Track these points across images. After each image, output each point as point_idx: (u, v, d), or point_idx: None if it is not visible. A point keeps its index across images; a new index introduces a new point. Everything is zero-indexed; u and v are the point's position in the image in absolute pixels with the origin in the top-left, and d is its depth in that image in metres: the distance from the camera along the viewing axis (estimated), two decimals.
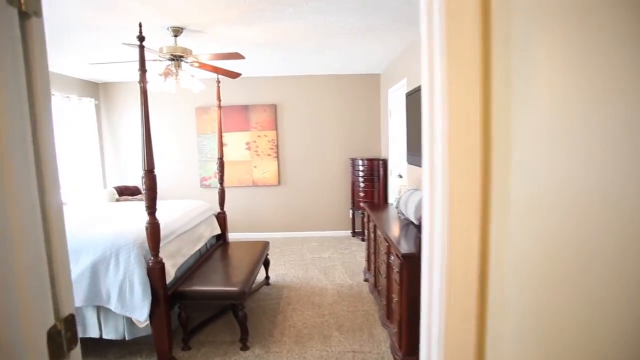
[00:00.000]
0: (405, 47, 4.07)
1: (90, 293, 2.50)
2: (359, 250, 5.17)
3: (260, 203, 5.96)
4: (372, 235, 3.61)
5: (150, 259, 2.53)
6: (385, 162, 5.37)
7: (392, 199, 5.14)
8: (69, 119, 4.99)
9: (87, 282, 2.49)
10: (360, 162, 5.53)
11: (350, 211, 5.87)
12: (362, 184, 5.52)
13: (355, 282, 4.05)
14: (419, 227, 2.81)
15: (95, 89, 5.67)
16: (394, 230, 2.89)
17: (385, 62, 4.90)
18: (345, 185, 5.90)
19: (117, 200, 5.06)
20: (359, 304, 3.52)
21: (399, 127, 4.62)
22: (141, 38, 2.35)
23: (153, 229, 2.48)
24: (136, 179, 5.86)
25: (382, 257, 3.00)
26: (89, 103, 5.35)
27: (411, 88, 3.66)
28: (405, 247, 2.39)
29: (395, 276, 2.46)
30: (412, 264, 2.28)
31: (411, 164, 3.61)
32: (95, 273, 2.51)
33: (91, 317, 2.60)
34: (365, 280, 4.02)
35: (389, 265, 2.76)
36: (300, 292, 3.83)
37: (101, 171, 5.67)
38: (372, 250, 3.63)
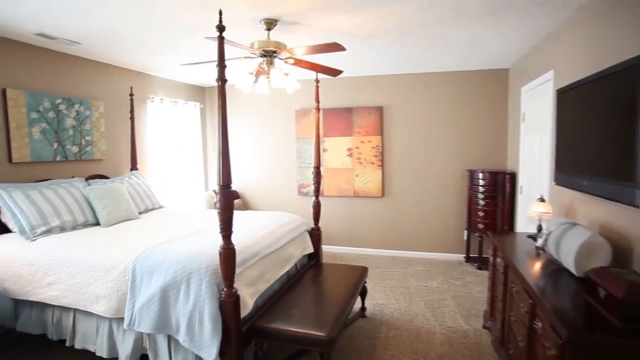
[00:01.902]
0: (554, 29, 3.09)
1: (159, 320, 2.21)
2: (475, 282, 4.25)
3: (361, 216, 5.39)
4: (499, 274, 2.75)
5: (224, 289, 2.14)
6: (513, 177, 4.35)
7: (521, 224, 4.11)
8: (175, 122, 5.09)
9: (156, 307, 2.21)
10: (480, 175, 4.59)
11: (465, 232, 4.94)
12: (481, 202, 4.57)
13: (472, 328, 3.21)
14: (584, 283, 1.93)
15: (202, 93, 5.76)
16: (540, 282, 2.04)
17: (518, 53, 3.91)
18: (459, 201, 4.99)
19: (216, 203, 5.00)
20: None
21: (536, 134, 3.61)
22: (221, 28, 1.97)
23: (227, 255, 2.08)
24: (236, 183, 5.80)
25: (519, 313, 2.17)
26: (194, 107, 5.42)
27: (565, 83, 2.70)
28: (567, 322, 1.56)
29: None
30: (579, 353, 1.46)
31: (561, 186, 2.66)
32: (165, 298, 2.22)
33: (162, 345, 2.32)
34: (486, 327, 3.16)
35: (531, 333, 1.94)
36: (401, 332, 3.15)
37: (203, 174, 5.73)
38: (498, 295, 2.77)
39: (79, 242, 2.73)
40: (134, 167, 4.35)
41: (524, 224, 3.98)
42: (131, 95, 4.36)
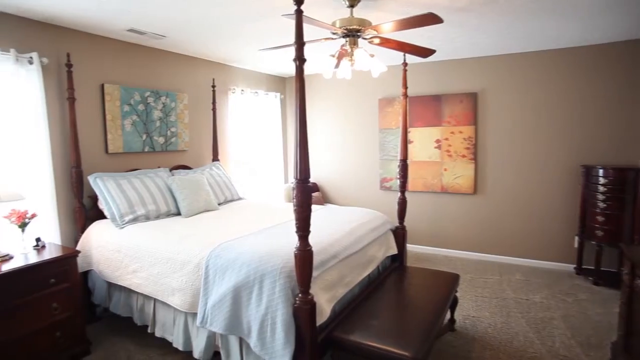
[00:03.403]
0: None
1: (231, 321, 2.08)
2: (591, 301, 3.53)
3: (449, 214, 4.88)
4: (639, 302, 2.16)
5: (299, 295, 1.93)
6: None
7: None
8: (256, 113, 5.06)
9: (228, 307, 2.08)
10: (600, 172, 3.81)
11: (577, 239, 4.18)
12: (601, 204, 3.80)
13: None
14: None
15: (282, 84, 5.67)
16: None
17: None
18: (570, 202, 4.23)
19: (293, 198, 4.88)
20: None
21: None
22: (299, 0, 1.73)
23: (303, 258, 1.86)
24: (316, 176, 5.64)
25: None
26: (275, 97, 5.35)
27: None
28: None
29: None
30: None
31: None
32: (237, 298, 2.07)
33: (234, 345, 2.20)
34: None
35: None
36: (499, 355, 2.68)
37: (283, 166, 5.67)
38: (635, 326, 2.18)
39: (159, 233, 2.74)
40: (215, 158, 4.40)
41: None
42: (213, 86, 4.39)
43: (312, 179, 6.09)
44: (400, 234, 3.33)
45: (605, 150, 4.04)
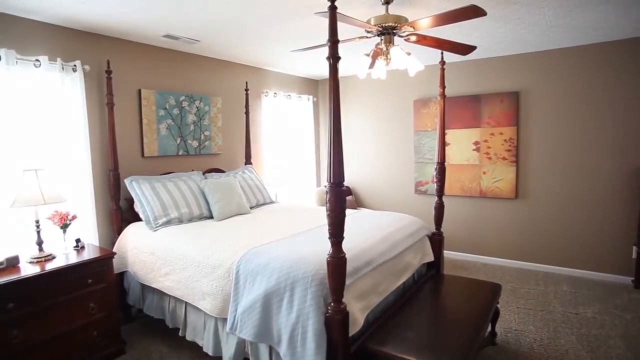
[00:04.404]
0: None
1: (261, 328, 2.02)
2: None
3: (488, 219, 4.64)
4: None
5: (331, 303, 1.84)
6: None
7: None
8: (289, 116, 5.04)
9: (258, 314, 2.02)
10: None
11: (635, 249, 3.84)
12: None
13: None
14: None
15: (315, 86, 5.62)
16: None
17: None
18: (626, 208, 3.89)
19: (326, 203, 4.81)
20: None
21: None
22: None
23: (336, 265, 1.77)
24: (349, 179, 5.55)
25: None
26: (307, 100, 5.31)
27: None
28: None
29: None
30: None
31: None
32: (267, 305, 2.01)
33: (264, 353, 2.14)
34: None
35: None
36: None
37: (315, 169, 5.61)
38: None
39: (191, 236, 2.74)
40: (247, 161, 4.40)
41: None
42: (246, 90, 4.41)
43: (345, 182, 5.98)
44: (437, 240, 3.17)
45: None
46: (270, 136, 4.83)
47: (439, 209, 3.15)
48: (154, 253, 2.74)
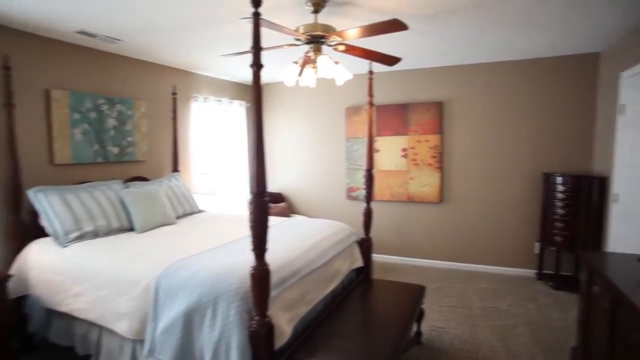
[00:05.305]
0: None
1: (182, 349, 1.90)
2: (552, 306, 3.57)
3: (415, 223, 4.86)
4: (600, 309, 2.15)
5: (255, 317, 1.78)
6: (602, 182, 3.63)
7: (614, 240, 3.38)
8: (220, 122, 4.89)
9: (179, 333, 1.90)
10: (559, 180, 3.91)
11: (537, 245, 4.26)
12: (559, 210, 3.89)
13: None
14: None
15: (247, 91, 5.52)
16: None
17: (619, 31, 3.20)
18: (531, 209, 4.31)
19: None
20: None
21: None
22: (256, 2, 1.61)
23: (259, 278, 1.72)
24: (281, 186, 5.51)
25: None
26: (239, 106, 5.19)
27: None
28: None
29: None
30: None
31: None
32: (189, 323, 1.90)
33: None
34: None
35: None
36: None
37: (248, 176, 5.50)
38: (600, 339, 2.17)
39: (107, 251, 2.51)
40: (175, 168, 4.18)
41: (619, 240, 3.27)
42: (174, 94, 4.19)
43: (278, 189, 5.92)
44: (365, 246, 3.24)
45: (565, 159, 4.15)
46: (200, 142, 4.63)
47: (367, 214, 3.22)
48: (63, 272, 2.47)
